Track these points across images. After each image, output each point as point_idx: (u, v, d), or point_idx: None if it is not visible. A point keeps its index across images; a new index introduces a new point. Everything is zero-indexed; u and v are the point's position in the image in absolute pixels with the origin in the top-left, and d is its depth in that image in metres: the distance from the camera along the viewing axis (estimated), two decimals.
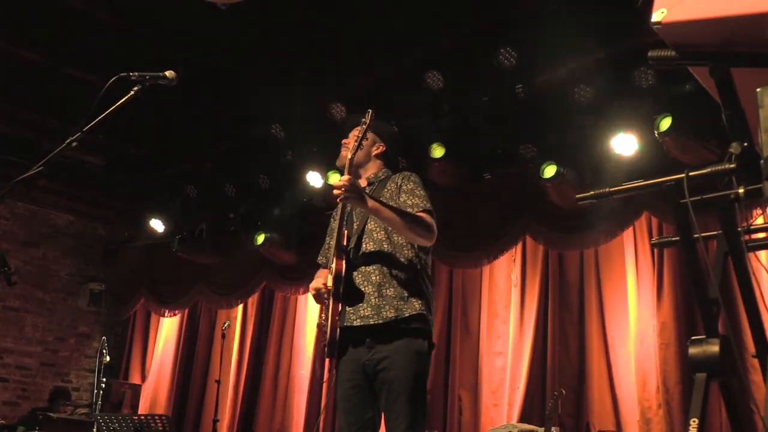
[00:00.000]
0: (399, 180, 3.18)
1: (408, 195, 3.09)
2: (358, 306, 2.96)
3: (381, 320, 2.92)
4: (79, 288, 9.06)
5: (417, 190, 3.11)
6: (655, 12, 1.51)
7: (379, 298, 2.95)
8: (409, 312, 2.94)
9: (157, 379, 8.64)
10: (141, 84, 2.59)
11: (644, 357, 5.31)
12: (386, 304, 2.94)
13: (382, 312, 2.93)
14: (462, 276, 6.50)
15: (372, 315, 2.94)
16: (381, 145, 3.30)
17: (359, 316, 2.96)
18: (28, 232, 8.72)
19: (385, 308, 2.93)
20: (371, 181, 3.26)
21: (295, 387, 7.36)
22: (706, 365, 1.73)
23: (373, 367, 2.92)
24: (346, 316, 2.98)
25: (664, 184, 1.72)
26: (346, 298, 2.98)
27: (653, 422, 5.13)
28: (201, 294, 8.14)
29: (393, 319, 2.92)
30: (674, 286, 5.25)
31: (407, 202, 3.06)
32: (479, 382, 6.11)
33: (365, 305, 2.95)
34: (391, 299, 2.94)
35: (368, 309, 2.95)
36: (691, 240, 1.77)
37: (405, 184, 3.14)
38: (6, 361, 8.39)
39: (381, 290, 2.96)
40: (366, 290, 2.98)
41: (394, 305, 2.93)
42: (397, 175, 3.23)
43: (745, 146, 1.59)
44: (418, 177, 3.22)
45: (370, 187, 3.23)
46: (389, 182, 3.20)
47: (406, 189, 3.11)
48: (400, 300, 2.95)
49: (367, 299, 2.96)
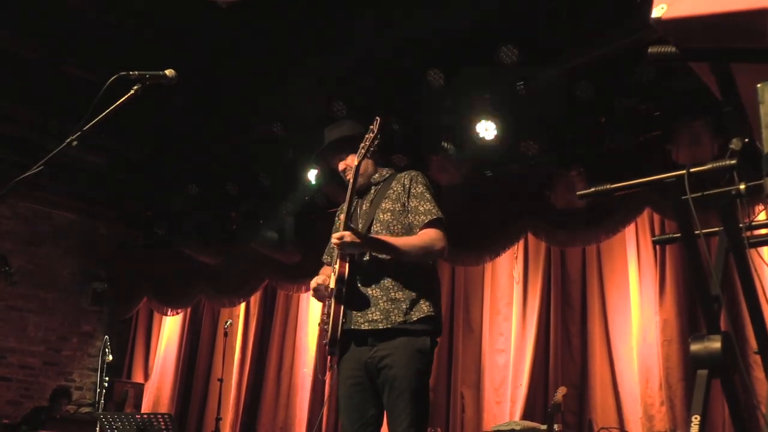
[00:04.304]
0: (406, 181, 3.14)
1: (419, 200, 3.07)
2: (366, 311, 2.95)
3: (389, 325, 2.92)
4: (81, 287, 9.08)
5: (427, 194, 3.09)
6: (655, 8, 1.51)
7: (387, 302, 2.94)
8: (417, 315, 2.94)
9: (159, 377, 8.66)
10: (141, 83, 2.59)
11: (647, 354, 5.31)
12: (395, 308, 2.93)
13: (390, 316, 2.92)
14: (464, 273, 6.50)
15: (381, 319, 2.93)
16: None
17: (367, 320, 2.95)
18: (30, 231, 8.73)
19: (393, 312, 2.92)
20: (376, 180, 3.25)
21: (298, 385, 7.37)
22: (707, 362, 1.73)
23: (375, 365, 2.92)
24: (353, 319, 2.97)
25: (666, 180, 1.72)
26: (353, 301, 2.96)
27: (656, 419, 5.13)
28: (203, 293, 8.15)
29: (401, 323, 2.92)
30: (677, 282, 5.25)
31: (419, 208, 3.05)
32: (482, 380, 6.11)
33: (374, 309, 2.94)
34: (399, 303, 2.94)
35: (377, 313, 2.94)
36: (692, 236, 1.77)
37: (414, 186, 3.11)
38: (9, 360, 8.41)
39: (389, 294, 2.95)
40: (374, 294, 2.97)
41: (403, 309, 2.93)
42: (403, 174, 3.21)
43: (746, 142, 1.58)
44: (426, 177, 3.20)
45: (376, 186, 3.23)
46: (394, 182, 3.18)
47: (415, 192, 3.09)
48: (409, 303, 2.94)
49: (375, 303, 2.95)
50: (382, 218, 3.08)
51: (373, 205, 3.16)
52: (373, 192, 3.22)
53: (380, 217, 3.09)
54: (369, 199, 3.21)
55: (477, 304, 6.38)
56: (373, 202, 3.18)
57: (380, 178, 3.25)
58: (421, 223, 3.02)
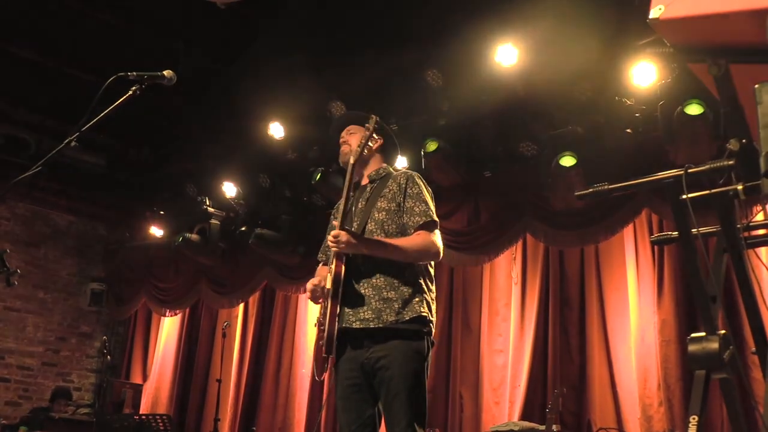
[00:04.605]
0: (402, 180, 3.14)
1: (415, 200, 3.07)
2: (359, 309, 2.95)
3: (381, 324, 2.92)
4: (80, 288, 9.06)
5: (423, 195, 3.09)
6: (652, 9, 1.51)
7: (379, 302, 2.94)
8: (409, 315, 2.93)
9: (158, 378, 8.65)
10: (139, 83, 2.59)
11: (645, 354, 5.31)
12: (387, 307, 2.93)
13: (382, 315, 2.92)
14: (462, 274, 6.50)
15: (372, 318, 2.93)
16: (379, 139, 3.28)
17: (359, 319, 2.95)
18: (29, 232, 8.72)
19: (385, 312, 2.92)
20: (373, 178, 3.25)
21: (297, 386, 7.37)
22: (705, 362, 1.73)
23: (371, 366, 2.92)
24: (345, 317, 2.97)
25: (664, 180, 1.72)
26: (346, 300, 2.97)
27: (654, 419, 5.13)
28: (202, 293, 8.14)
29: (393, 322, 2.92)
30: (675, 282, 5.25)
31: (414, 209, 3.04)
32: (480, 380, 6.11)
33: (366, 308, 2.94)
34: (392, 302, 2.94)
35: (368, 312, 2.94)
36: (689, 237, 1.77)
37: (410, 187, 3.11)
38: (8, 361, 8.40)
39: (382, 293, 2.95)
40: (366, 293, 2.97)
41: (395, 309, 2.92)
42: (399, 174, 3.21)
43: (744, 143, 1.59)
44: (422, 178, 3.20)
45: (372, 184, 3.23)
46: (390, 180, 3.18)
47: (411, 193, 3.08)
48: (401, 303, 2.94)
49: (367, 302, 2.95)
50: (377, 217, 3.08)
51: (369, 203, 3.16)
52: (369, 190, 3.22)
53: (375, 216, 3.09)
54: (365, 197, 3.21)
55: (475, 305, 6.38)
56: (369, 200, 3.17)
57: (377, 176, 3.25)
58: (416, 224, 3.02)
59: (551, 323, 5.82)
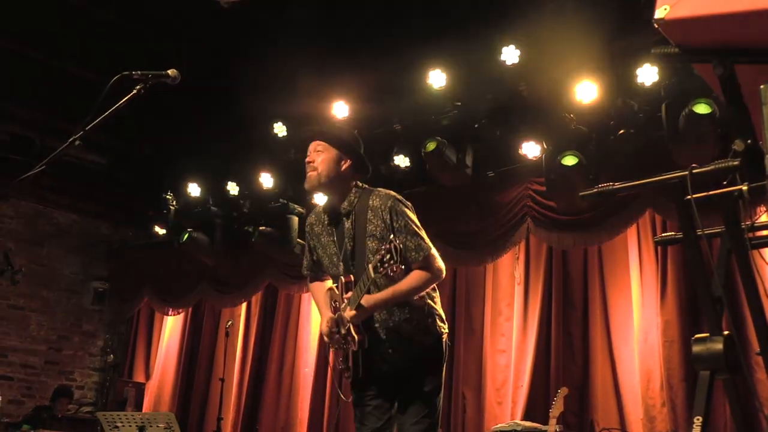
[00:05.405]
0: (386, 215, 2.94)
1: (407, 235, 2.91)
2: (384, 355, 3.00)
3: (409, 362, 2.99)
4: (83, 287, 9.08)
5: (410, 226, 2.95)
6: (658, 9, 1.50)
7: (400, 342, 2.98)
8: (430, 341, 3.01)
9: (161, 377, 8.65)
10: (143, 83, 2.60)
11: (648, 355, 5.30)
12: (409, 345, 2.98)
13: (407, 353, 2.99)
14: (465, 274, 6.49)
15: (398, 359, 2.99)
16: (347, 160, 3.06)
17: (386, 361, 3.01)
18: (32, 231, 8.73)
19: (409, 349, 2.98)
20: (346, 210, 3.04)
21: (299, 385, 7.37)
22: (709, 363, 1.73)
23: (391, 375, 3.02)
24: (373, 365, 3.01)
25: (668, 181, 1.71)
26: (370, 347, 2.98)
27: (657, 420, 5.12)
28: (204, 292, 8.15)
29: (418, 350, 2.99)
30: (678, 283, 5.24)
31: (408, 244, 2.90)
32: (483, 380, 6.11)
33: (390, 350, 2.99)
34: (412, 333, 2.99)
35: (395, 355, 2.99)
36: (694, 237, 1.76)
37: (395, 219, 2.93)
38: (11, 359, 8.41)
39: (400, 331, 2.98)
40: (386, 336, 2.99)
41: (417, 340, 2.99)
42: (373, 198, 3.00)
43: (749, 143, 1.58)
44: (401, 200, 3.02)
45: (348, 220, 3.04)
46: (367, 210, 2.99)
47: (399, 227, 2.92)
48: (420, 333, 3.00)
49: (390, 344, 2.99)
50: (369, 245, 2.97)
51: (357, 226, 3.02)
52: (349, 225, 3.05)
53: (368, 244, 2.98)
54: (350, 221, 3.05)
55: (478, 305, 6.38)
56: (355, 223, 3.03)
57: (350, 207, 3.04)
58: (415, 261, 2.94)
59: (554, 323, 5.81)
